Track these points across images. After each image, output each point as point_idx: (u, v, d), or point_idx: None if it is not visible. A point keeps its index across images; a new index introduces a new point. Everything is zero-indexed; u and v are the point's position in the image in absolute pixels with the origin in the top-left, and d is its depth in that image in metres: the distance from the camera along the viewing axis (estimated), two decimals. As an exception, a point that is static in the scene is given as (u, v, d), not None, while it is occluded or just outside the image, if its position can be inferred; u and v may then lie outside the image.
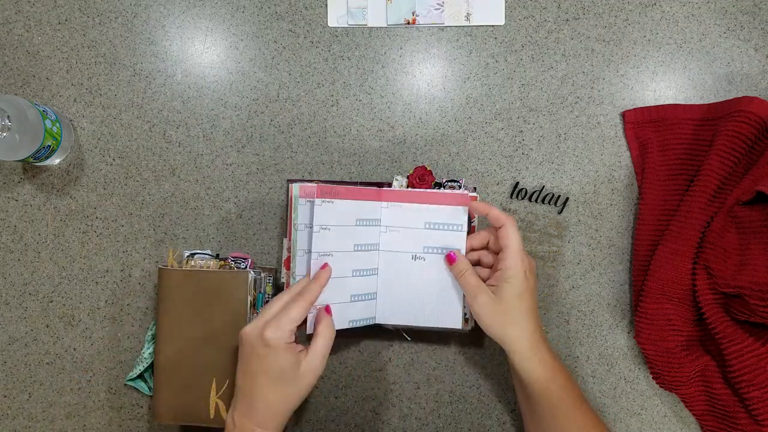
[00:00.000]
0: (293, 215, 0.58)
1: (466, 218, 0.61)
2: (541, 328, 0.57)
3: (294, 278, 0.58)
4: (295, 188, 0.58)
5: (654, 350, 0.62)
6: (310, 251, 0.58)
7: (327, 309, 0.58)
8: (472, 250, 0.61)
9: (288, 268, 0.64)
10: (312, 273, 0.57)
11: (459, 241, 0.60)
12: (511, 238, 0.56)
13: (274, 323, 0.53)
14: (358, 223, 0.60)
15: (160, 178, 0.69)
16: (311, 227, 0.58)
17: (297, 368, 0.53)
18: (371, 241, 0.62)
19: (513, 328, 0.55)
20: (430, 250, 0.61)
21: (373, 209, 0.62)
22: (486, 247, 0.61)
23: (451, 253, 0.59)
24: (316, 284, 0.56)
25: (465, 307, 0.61)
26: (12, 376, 0.69)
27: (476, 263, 0.61)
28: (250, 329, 0.54)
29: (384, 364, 0.68)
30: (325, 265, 0.58)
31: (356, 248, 0.61)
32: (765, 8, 0.66)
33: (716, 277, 0.59)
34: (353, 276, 0.60)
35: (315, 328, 0.56)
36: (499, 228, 0.57)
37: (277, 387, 0.53)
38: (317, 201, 0.57)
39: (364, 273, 0.61)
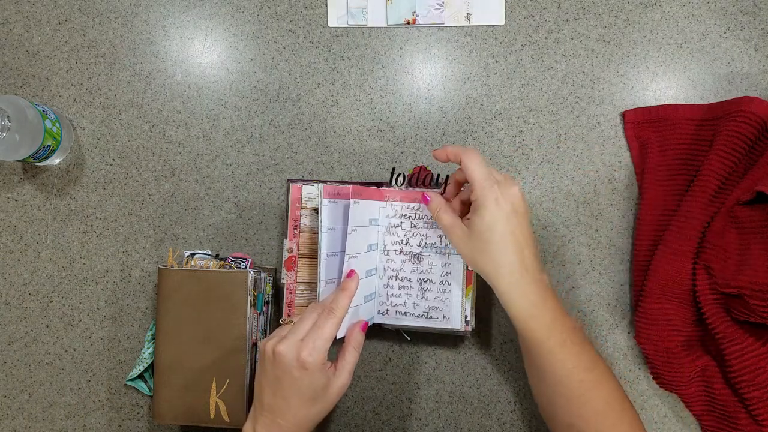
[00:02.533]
0: (319, 217, 0.56)
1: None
2: (529, 262, 0.52)
3: (320, 283, 0.56)
4: (318, 188, 0.58)
5: (654, 350, 0.62)
6: (336, 253, 0.57)
7: (363, 327, 0.58)
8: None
9: (289, 269, 0.64)
10: (343, 276, 0.57)
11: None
12: (471, 168, 0.52)
13: (310, 344, 0.51)
14: (370, 223, 0.61)
15: (160, 178, 0.69)
16: (334, 228, 0.57)
17: (328, 387, 0.53)
18: (374, 240, 0.62)
19: (488, 261, 0.52)
20: (428, 250, 0.61)
21: (374, 209, 0.62)
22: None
23: (425, 195, 0.58)
24: (345, 296, 0.55)
25: (466, 309, 0.61)
26: (12, 376, 0.69)
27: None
28: (284, 350, 0.51)
29: (384, 364, 0.68)
30: (352, 272, 0.57)
31: (369, 249, 0.61)
32: (765, 8, 0.66)
33: (716, 277, 0.59)
34: (367, 277, 0.61)
35: (345, 344, 0.56)
36: (460, 163, 0.53)
37: (308, 405, 0.53)
38: (351, 201, 0.57)
39: (371, 273, 0.61)
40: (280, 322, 0.58)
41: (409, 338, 0.67)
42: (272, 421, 0.53)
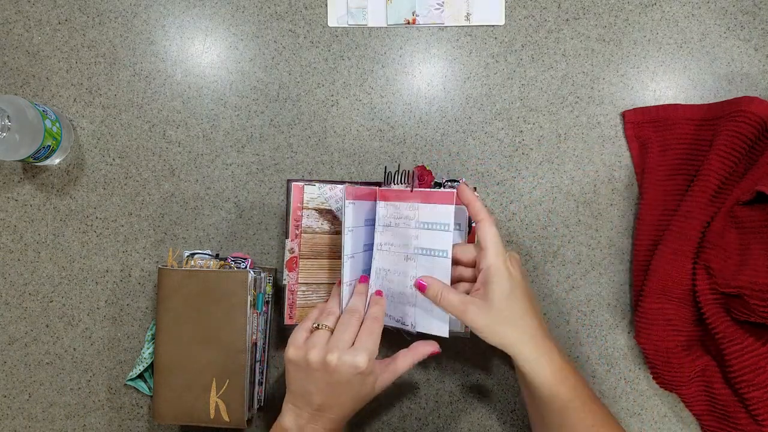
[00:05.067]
0: (342, 219, 0.57)
1: (464, 217, 0.61)
2: (543, 325, 0.54)
3: (344, 285, 0.58)
4: (339, 190, 0.59)
5: (654, 350, 0.62)
6: (353, 255, 0.58)
7: (435, 351, 0.59)
8: (459, 263, 0.59)
9: (291, 269, 0.64)
10: (373, 270, 0.59)
11: (457, 241, 0.60)
12: (488, 234, 0.53)
13: (367, 349, 0.54)
14: (366, 223, 0.61)
15: (160, 178, 0.69)
16: (353, 230, 0.58)
17: (375, 383, 0.56)
18: (373, 240, 0.62)
19: (512, 330, 0.52)
20: (426, 251, 0.61)
21: (374, 209, 0.62)
22: (474, 265, 0.58)
23: (419, 281, 0.55)
24: (381, 309, 0.58)
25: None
26: (12, 376, 0.69)
27: (458, 280, 0.59)
28: (337, 360, 0.53)
29: (384, 364, 0.68)
30: (380, 292, 0.60)
31: (364, 248, 0.61)
32: (765, 8, 0.66)
33: (716, 277, 0.59)
34: (374, 276, 0.61)
35: (409, 353, 0.59)
36: (477, 223, 0.55)
37: (360, 401, 0.56)
38: (380, 203, 0.59)
39: (368, 273, 0.61)
40: (314, 326, 0.57)
41: (409, 338, 0.67)
42: (322, 416, 0.55)
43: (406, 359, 0.58)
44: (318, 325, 0.56)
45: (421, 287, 0.55)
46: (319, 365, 0.53)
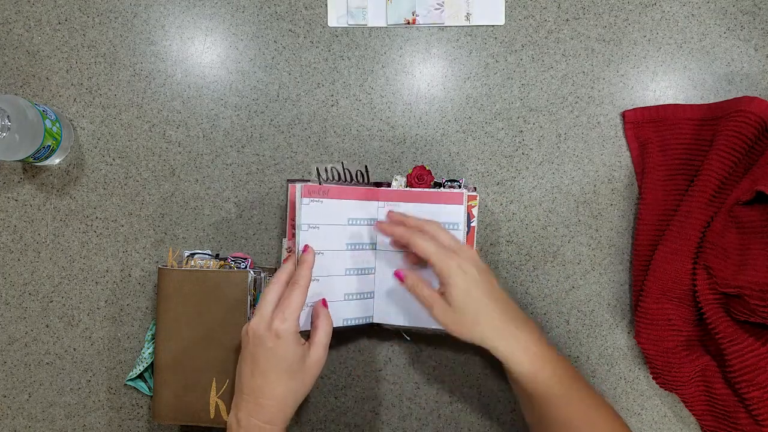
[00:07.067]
0: (296, 215, 0.58)
1: (463, 217, 0.61)
2: (515, 316, 0.54)
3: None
4: (297, 189, 0.58)
5: (654, 350, 0.62)
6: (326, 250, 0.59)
7: (323, 302, 0.58)
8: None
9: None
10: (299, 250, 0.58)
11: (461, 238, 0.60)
12: (422, 247, 0.54)
13: (280, 314, 0.53)
14: (350, 222, 0.61)
15: (160, 178, 0.69)
16: (302, 226, 0.58)
17: (304, 361, 0.54)
18: (366, 240, 0.62)
19: (477, 328, 0.53)
20: None
21: (369, 208, 0.62)
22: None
23: (399, 271, 0.58)
24: (305, 268, 0.56)
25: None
26: (12, 376, 0.69)
27: None
28: (256, 323, 0.53)
29: (384, 364, 0.68)
30: (306, 247, 0.57)
31: (348, 247, 0.61)
32: (765, 8, 0.66)
33: (716, 277, 0.59)
34: (346, 275, 0.61)
35: (313, 322, 0.57)
36: (407, 245, 0.56)
37: (286, 381, 0.53)
38: (304, 200, 0.58)
39: (359, 272, 0.61)
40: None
41: (408, 338, 0.67)
42: (254, 403, 0.53)
43: (320, 326, 0.56)
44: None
45: (400, 277, 0.57)
46: (245, 334, 0.54)
